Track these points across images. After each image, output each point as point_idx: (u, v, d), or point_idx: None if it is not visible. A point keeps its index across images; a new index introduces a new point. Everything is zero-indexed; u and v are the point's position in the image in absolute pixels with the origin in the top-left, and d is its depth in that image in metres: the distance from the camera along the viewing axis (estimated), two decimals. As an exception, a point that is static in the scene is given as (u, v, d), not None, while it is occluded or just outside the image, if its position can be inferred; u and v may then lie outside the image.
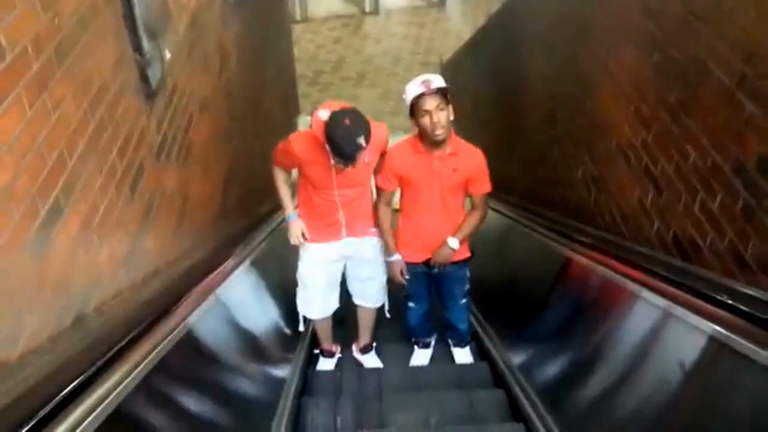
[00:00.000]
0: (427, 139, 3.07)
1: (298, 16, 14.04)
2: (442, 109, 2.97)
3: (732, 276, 1.91)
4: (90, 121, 1.94)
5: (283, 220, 3.45)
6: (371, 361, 3.91)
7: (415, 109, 3.00)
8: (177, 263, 2.66)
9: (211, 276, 2.64)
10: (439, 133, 2.99)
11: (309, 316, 3.57)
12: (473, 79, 7.86)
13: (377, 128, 2.97)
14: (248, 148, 4.79)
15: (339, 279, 3.51)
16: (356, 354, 3.96)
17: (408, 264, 3.43)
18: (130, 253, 2.17)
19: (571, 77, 3.76)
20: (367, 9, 14.63)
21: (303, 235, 3.21)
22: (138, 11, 2.37)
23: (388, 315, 3.68)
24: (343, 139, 2.72)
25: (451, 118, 3.04)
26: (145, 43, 2.42)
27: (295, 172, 3.30)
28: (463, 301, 3.66)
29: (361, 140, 2.72)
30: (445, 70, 9.80)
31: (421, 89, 2.94)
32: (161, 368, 1.78)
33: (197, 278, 2.49)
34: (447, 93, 2.99)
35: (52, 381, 1.35)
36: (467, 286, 3.61)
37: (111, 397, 1.44)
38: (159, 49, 2.56)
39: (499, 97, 6.23)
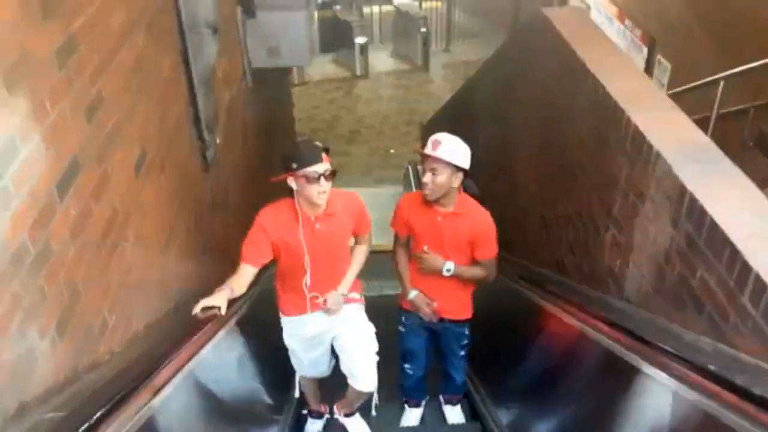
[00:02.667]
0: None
1: (296, 80, 15.51)
2: (435, 174, 2.94)
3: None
4: (179, 190, 3.23)
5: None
6: (355, 425, 3.73)
7: (423, 159, 3.03)
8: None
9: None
10: (426, 192, 3.01)
11: (301, 374, 3.49)
12: (456, 131, 9.17)
13: (350, 196, 3.07)
14: (262, 197, 6.09)
15: (327, 351, 3.35)
16: (339, 416, 3.72)
17: (408, 313, 3.43)
18: (194, 271, 3.44)
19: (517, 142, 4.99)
20: (358, 72, 16.09)
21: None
22: (202, 114, 3.67)
23: (374, 411, 3.53)
24: (302, 145, 2.87)
25: (454, 185, 3.00)
26: (206, 135, 3.72)
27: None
28: (462, 353, 3.59)
29: (319, 144, 2.77)
30: (426, 130, 11.16)
31: (428, 148, 2.95)
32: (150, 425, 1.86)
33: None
34: (452, 163, 2.94)
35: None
36: (466, 342, 3.55)
37: None
38: (213, 137, 3.86)
39: (474, 147, 7.48)
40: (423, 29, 16.21)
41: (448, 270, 3.17)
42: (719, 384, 1.62)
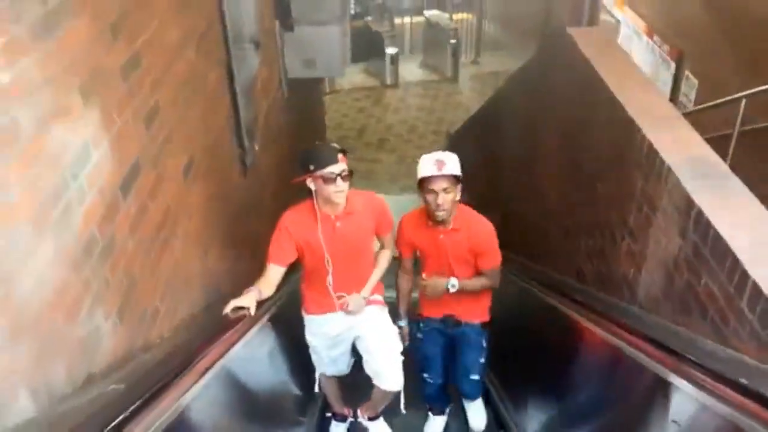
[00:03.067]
0: (431, 216, 3.10)
1: (327, 89, 15.80)
2: (448, 192, 2.96)
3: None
4: (220, 189, 3.47)
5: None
6: (380, 429, 3.75)
7: (423, 183, 2.99)
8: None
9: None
10: (441, 214, 3.02)
11: (322, 371, 3.51)
12: (475, 147, 9.35)
13: (369, 195, 3.14)
14: (293, 200, 6.35)
15: (347, 350, 3.39)
16: (363, 420, 3.75)
17: (426, 319, 3.47)
18: (230, 268, 3.67)
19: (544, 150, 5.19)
20: (388, 82, 16.32)
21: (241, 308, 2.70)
22: (242, 122, 3.91)
23: (403, 410, 3.48)
24: (319, 147, 2.91)
25: (457, 198, 3.04)
26: (245, 142, 3.95)
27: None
28: (475, 377, 3.51)
29: (336, 145, 2.87)
30: (453, 140, 11.35)
31: (433, 170, 2.94)
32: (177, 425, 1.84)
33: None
34: (458, 177, 2.98)
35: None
36: (482, 360, 3.49)
37: None
38: (252, 144, 4.09)
39: (497, 162, 7.65)
40: (453, 40, 16.40)
41: (453, 286, 3.18)
42: (751, 398, 1.60)
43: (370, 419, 3.71)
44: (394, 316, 3.45)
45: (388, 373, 3.22)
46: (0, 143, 1.48)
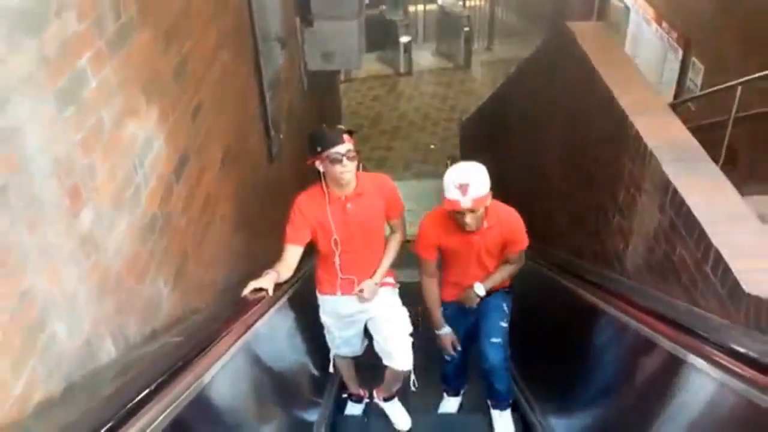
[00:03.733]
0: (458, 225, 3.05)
1: (342, 77, 16.11)
2: (476, 212, 2.95)
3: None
4: (250, 176, 3.84)
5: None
6: (395, 410, 3.79)
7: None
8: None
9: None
10: (470, 230, 3.04)
11: (336, 353, 3.57)
12: (485, 134, 9.65)
13: (380, 177, 3.21)
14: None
15: (359, 331, 3.45)
16: (378, 401, 3.80)
17: (447, 303, 3.47)
18: (259, 248, 4.04)
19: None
20: (402, 70, 16.61)
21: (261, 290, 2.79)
22: (269, 114, 4.27)
23: (413, 387, 3.64)
24: (325, 129, 2.89)
25: (487, 204, 2.99)
26: (272, 132, 4.31)
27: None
28: (496, 340, 3.42)
29: (341, 126, 2.90)
30: (465, 127, 11.65)
31: (457, 195, 2.88)
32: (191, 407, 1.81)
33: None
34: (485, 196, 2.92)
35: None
36: (504, 324, 3.44)
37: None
38: (278, 134, 4.46)
39: (514, 146, 7.94)
40: (466, 28, 16.63)
41: (479, 294, 3.30)
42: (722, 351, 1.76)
43: (385, 400, 3.76)
44: (425, 320, 3.55)
45: (398, 353, 3.27)
46: (90, 137, 1.84)
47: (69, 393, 1.65)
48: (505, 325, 3.43)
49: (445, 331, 3.46)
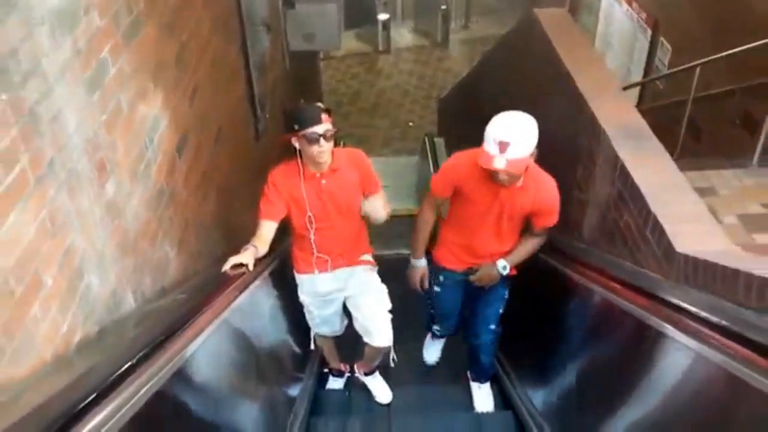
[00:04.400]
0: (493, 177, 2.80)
1: (321, 55, 16.28)
2: (512, 175, 2.75)
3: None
4: (239, 152, 4.12)
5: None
6: (375, 384, 3.85)
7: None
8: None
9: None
10: (506, 185, 2.84)
11: (317, 332, 3.56)
12: (461, 112, 9.96)
13: (354, 152, 3.11)
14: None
15: (338, 310, 3.43)
16: (359, 375, 3.86)
17: (446, 271, 3.25)
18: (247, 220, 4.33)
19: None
20: (381, 48, 16.81)
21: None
22: (256, 94, 4.54)
23: (392, 363, 3.62)
24: (303, 107, 2.82)
25: (529, 163, 2.76)
26: (258, 111, 4.59)
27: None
28: (493, 326, 3.35)
29: (320, 105, 2.81)
30: (442, 105, 11.94)
31: (493, 152, 2.63)
32: (169, 386, 1.78)
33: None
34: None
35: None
36: (501, 310, 3.33)
37: (123, 409, 1.44)
38: (263, 113, 4.73)
39: (482, 123, 8.29)
40: (443, 6, 16.85)
41: (504, 268, 3.10)
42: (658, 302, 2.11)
43: (366, 374, 3.81)
44: (408, 255, 3.39)
45: (377, 330, 3.25)
46: (111, 118, 2.13)
47: (100, 335, 1.96)
48: (501, 311, 3.34)
49: (421, 264, 3.29)
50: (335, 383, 4.04)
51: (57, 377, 1.60)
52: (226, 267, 2.72)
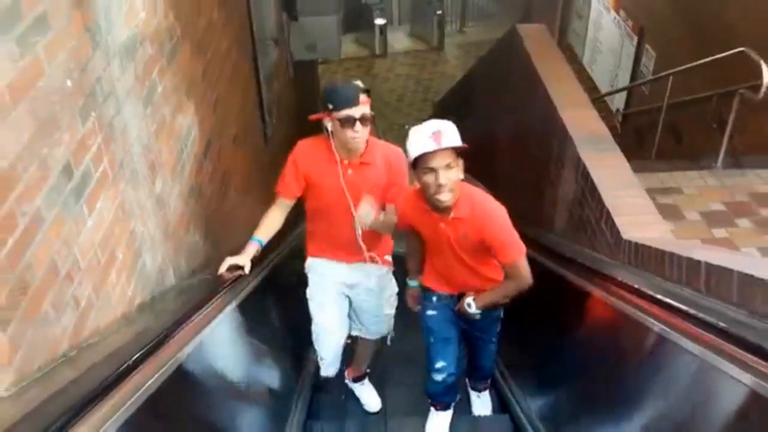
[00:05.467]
0: (430, 201, 2.51)
1: (319, 59, 16.75)
2: (450, 167, 2.38)
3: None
4: (252, 155, 4.61)
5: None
6: (365, 391, 3.59)
7: (417, 162, 2.40)
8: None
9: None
10: (444, 198, 2.43)
11: (316, 321, 3.21)
12: (455, 116, 10.44)
13: (393, 150, 2.84)
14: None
15: (343, 310, 3.19)
16: (348, 381, 3.60)
17: (434, 292, 2.95)
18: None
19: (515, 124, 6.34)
20: (377, 52, 17.26)
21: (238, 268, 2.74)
22: (265, 102, 5.02)
23: (389, 342, 3.40)
24: (341, 85, 2.65)
25: (461, 177, 2.47)
26: (267, 117, 5.07)
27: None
28: (493, 347, 3.19)
29: (359, 83, 2.61)
30: (437, 108, 12.44)
31: (431, 145, 2.33)
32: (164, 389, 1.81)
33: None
34: (460, 149, 2.41)
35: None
36: (498, 328, 3.11)
37: (126, 405, 1.56)
38: (271, 119, 5.22)
39: (475, 127, 8.78)
40: (439, 12, 17.33)
41: (469, 305, 2.79)
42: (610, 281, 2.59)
43: (355, 380, 3.56)
44: (404, 272, 3.16)
45: (372, 326, 3.25)
46: (159, 128, 2.62)
47: (151, 302, 2.45)
48: (499, 329, 3.13)
49: (412, 284, 3.06)
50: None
51: (125, 331, 2.09)
52: (223, 268, 2.70)
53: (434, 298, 2.99)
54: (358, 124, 2.59)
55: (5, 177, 1.49)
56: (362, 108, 2.59)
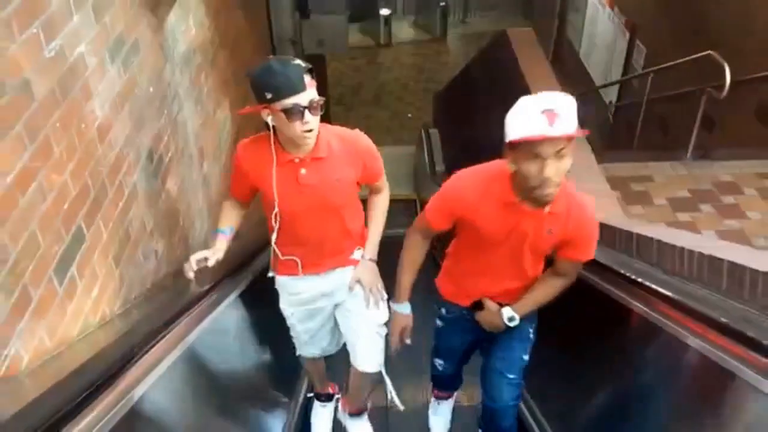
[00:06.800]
0: (524, 193, 1.98)
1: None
2: (562, 157, 1.85)
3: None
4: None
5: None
6: (360, 429, 2.89)
7: (519, 144, 1.86)
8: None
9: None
10: (549, 192, 1.91)
11: (301, 353, 2.74)
12: (454, 109, 10.97)
13: (351, 135, 2.30)
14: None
15: (327, 322, 2.61)
16: (342, 416, 2.94)
17: (449, 304, 2.47)
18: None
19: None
20: (382, 42, 17.79)
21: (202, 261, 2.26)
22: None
23: (400, 406, 2.70)
24: (277, 67, 2.03)
25: (568, 167, 1.91)
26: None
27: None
28: (514, 377, 2.39)
29: (300, 62, 2.03)
30: (437, 99, 12.97)
31: (543, 127, 1.78)
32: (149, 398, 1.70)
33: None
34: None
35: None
36: (526, 356, 2.41)
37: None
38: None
39: (470, 123, 9.30)
40: (442, 3, 17.84)
41: (511, 319, 2.27)
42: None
43: (351, 415, 2.88)
44: (389, 292, 2.49)
45: (362, 350, 2.54)
46: (205, 121, 3.25)
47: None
48: (527, 358, 2.44)
49: (403, 311, 2.41)
50: (323, 410, 3.08)
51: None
52: (188, 270, 2.22)
53: (443, 310, 2.52)
54: (307, 113, 2.01)
55: (117, 159, 2.12)
56: (310, 93, 2.01)
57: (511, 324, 2.27)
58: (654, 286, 2.24)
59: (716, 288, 2.05)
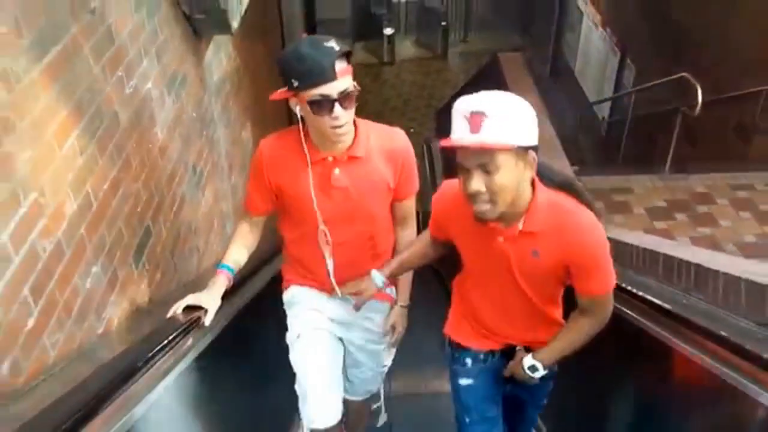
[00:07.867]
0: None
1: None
2: (490, 172, 1.51)
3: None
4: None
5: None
6: None
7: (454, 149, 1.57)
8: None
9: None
10: (483, 210, 1.57)
11: (312, 425, 2.14)
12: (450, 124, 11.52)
13: (393, 133, 2.05)
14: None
15: (336, 360, 2.21)
16: None
17: (468, 352, 2.03)
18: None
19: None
20: (385, 59, 18.37)
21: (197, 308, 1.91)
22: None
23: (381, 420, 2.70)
24: (307, 50, 1.72)
25: (526, 180, 1.60)
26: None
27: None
28: (543, 403, 2.20)
29: (334, 45, 1.72)
30: (439, 116, 13.52)
31: (462, 132, 1.51)
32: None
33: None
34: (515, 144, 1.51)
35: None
36: (551, 386, 2.13)
37: None
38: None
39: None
40: (443, 23, 18.45)
41: (533, 369, 1.88)
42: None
43: None
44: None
45: (362, 385, 2.40)
46: (234, 141, 3.78)
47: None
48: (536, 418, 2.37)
49: (380, 282, 2.04)
50: None
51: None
52: (177, 309, 1.90)
53: (469, 361, 2.05)
54: (337, 106, 1.75)
55: (172, 172, 2.66)
56: (342, 82, 1.74)
57: (536, 375, 1.88)
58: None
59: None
